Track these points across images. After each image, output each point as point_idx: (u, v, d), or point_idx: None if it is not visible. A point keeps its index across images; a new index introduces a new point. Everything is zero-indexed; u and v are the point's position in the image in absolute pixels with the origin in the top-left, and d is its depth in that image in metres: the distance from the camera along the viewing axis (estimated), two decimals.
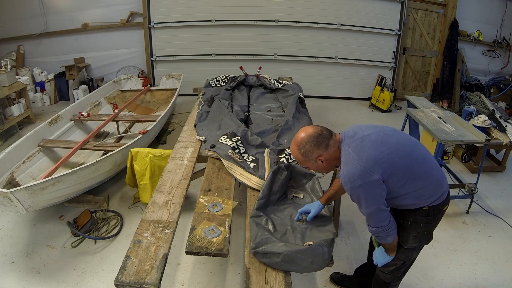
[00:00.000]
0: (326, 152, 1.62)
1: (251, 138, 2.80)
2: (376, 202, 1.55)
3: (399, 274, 1.92)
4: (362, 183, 1.51)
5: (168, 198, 2.16)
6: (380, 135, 1.61)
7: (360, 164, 1.51)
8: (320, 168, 1.69)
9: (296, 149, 1.65)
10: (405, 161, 1.57)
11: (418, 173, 1.59)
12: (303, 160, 1.66)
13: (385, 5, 5.96)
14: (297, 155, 1.66)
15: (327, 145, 1.61)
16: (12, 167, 3.13)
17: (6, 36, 6.01)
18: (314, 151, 1.61)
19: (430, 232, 1.74)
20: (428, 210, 1.66)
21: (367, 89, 6.38)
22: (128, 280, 1.56)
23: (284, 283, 1.62)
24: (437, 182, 1.66)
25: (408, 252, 1.79)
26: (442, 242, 2.89)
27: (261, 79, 4.41)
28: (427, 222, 1.69)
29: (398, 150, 1.57)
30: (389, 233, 1.65)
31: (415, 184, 1.60)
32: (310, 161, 1.65)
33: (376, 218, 1.60)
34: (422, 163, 1.62)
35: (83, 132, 4.27)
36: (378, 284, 2.01)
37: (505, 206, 3.43)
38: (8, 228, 2.87)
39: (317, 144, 1.60)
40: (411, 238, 1.72)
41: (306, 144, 1.61)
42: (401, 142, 1.62)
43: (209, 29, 6.04)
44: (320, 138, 1.61)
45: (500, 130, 3.60)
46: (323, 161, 1.63)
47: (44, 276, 2.41)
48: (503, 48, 6.30)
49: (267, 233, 1.81)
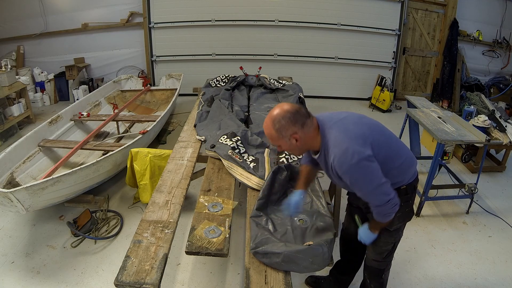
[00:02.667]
0: (301, 131, 1.54)
1: (251, 138, 2.80)
2: (375, 177, 1.50)
3: (391, 257, 1.97)
4: (358, 159, 1.46)
5: (168, 198, 2.16)
6: (355, 117, 1.65)
7: (351, 142, 1.49)
8: (292, 147, 1.59)
9: (271, 124, 1.55)
10: (383, 138, 1.62)
11: (394, 150, 1.65)
12: (276, 137, 1.56)
13: (385, 5, 5.96)
14: (270, 131, 1.56)
15: (303, 123, 1.54)
16: (12, 167, 3.13)
17: (6, 36, 6.01)
18: (289, 128, 1.52)
19: (411, 209, 1.79)
20: (406, 188, 1.70)
21: (367, 89, 6.38)
22: (128, 280, 1.56)
23: (284, 283, 1.62)
24: (410, 158, 1.72)
25: (396, 233, 1.83)
26: (442, 242, 2.89)
27: (261, 79, 4.41)
28: (406, 201, 1.73)
29: (374, 129, 1.62)
30: (396, 206, 1.57)
31: (393, 161, 1.63)
32: (284, 138, 1.55)
33: (380, 194, 1.53)
34: (396, 140, 1.70)
35: (83, 132, 4.27)
36: (374, 274, 2.04)
37: (505, 206, 3.43)
38: (8, 228, 2.87)
39: (293, 121, 1.52)
40: (395, 219, 1.73)
41: (281, 120, 1.52)
42: (374, 123, 1.68)
43: (209, 29, 6.04)
44: (297, 115, 1.54)
45: (500, 130, 3.60)
46: (298, 139, 1.55)
47: (44, 276, 2.41)
48: (503, 48, 6.30)
49: (267, 233, 1.82)
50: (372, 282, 2.07)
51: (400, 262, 2.64)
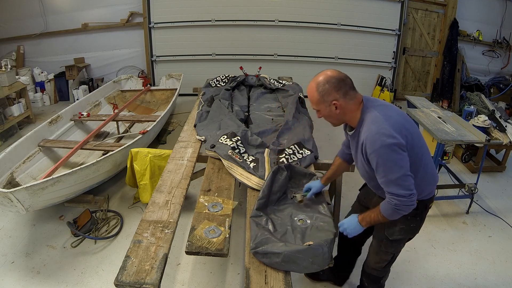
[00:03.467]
0: (343, 100, 1.54)
1: (251, 138, 2.80)
2: (404, 166, 1.46)
3: (390, 267, 1.98)
4: (392, 142, 1.43)
5: (168, 198, 2.16)
6: (400, 110, 1.65)
7: (390, 126, 1.46)
8: (332, 114, 1.59)
9: (315, 87, 1.56)
10: (419, 143, 1.57)
11: (424, 160, 1.60)
12: (317, 99, 1.56)
13: (385, 5, 5.96)
14: (313, 94, 1.57)
15: (346, 92, 1.54)
16: (12, 167, 3.13)
17: (6, 36, 6.01)
18: (332, 93, 1.53)
19: (416, 226, 1.75)
20: (417, 204, 1.64)
21: (367, 89, 6.37)
22: (128, 280, 1.56)
23: (284, 283, 1.62)
24: (432, 176, 1.69)
25: (396, 244, 1.82)
26: (442, 242, 2.89)
27: (261, 79, 4.41)
28: (414, 216, 1.69)
29: (416, 130, 1.59)
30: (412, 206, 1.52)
31: (418, 170, 1.58)
32: (325, 102, 1.55)
33: (404, 185, 1.47)
34: (428, 154, 1.65)
35: (83, 132, 4.27)
36: (372, 281, 2.05)
37: (505, 206, 3.43)
38: (8, 228, 2.87)
39: (337, 87, 1.53)
40: (397, 230, 1.73)
41: (326, 83, 1.53)
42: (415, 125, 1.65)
43: (209, 29, 6.04)
44: (343, 82, 1.55)
45: (500, 130, 3.60)
46: (338, 107, 1.55)
47: (44, 276, 2.41)
48: (503, 48, 6.30)
49: (267, 233, 1.81)
50: (370, 285, 2.08)
51: (400, 262, 2.63)
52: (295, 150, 2.64)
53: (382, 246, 1.83)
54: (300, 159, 2.57)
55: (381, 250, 1.85)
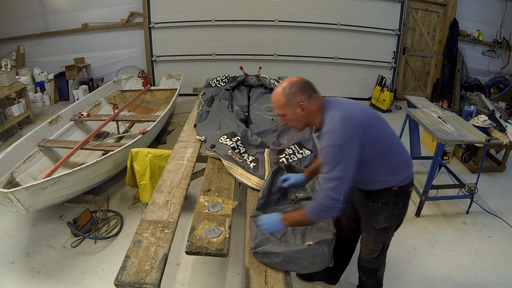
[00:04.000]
0: (308, 102, 1.61)
1: (251, 138, 2.80)
2: (347, 167, 1.52)
3: (383, 257, 1.99)
4: (342, 142, 1.50)
5: (168, 198, 2.16)
6: (362, 106, 1.69)
7: (344, 124, 1.53)
8: (298, 117, 1.65)
9: (281, 91, 1.63)
10: (385, 132, 1.65)
11: (394, 147, 1.68)
12: (284, 103, 1.62)
13: (385, 5, 5.96)
14: (279, 97, 1.63)
15: (310, 95, 1.62)
16: (12, 167, 3.13)
17: (6, 36, 6.01)
18: (297, 95, 1.60)
19: (400, 212, 1.79)
20: (396, 190, 1.71)
21: (367, 89, 6.38)
22: (128, 280, 1.56)
23: (284, 283, 1.62)
24: (407, 161, 1.74)
25: (384, 232, 1.84)
26: (442, 242, 2.89)
27: (261, 79, 4.41)
28: (396, 203, 1.74)
29: (380, 121, 1.66)
30: (330, 213, 1.58)
31: (390, 158, 1.66)
32: (291, 105, 1.62)
33: (336, 187, 1.52)
34: (398, 140, 1.73)
35: (83, 132, 4.27)
36: (368, 273, 2.06)
37: (505, 206, 3.43)
38: (8, 228, 2.87)
39: (302, 89, 1.61)
40: (382, 219, 1.77)
41: (292, 87, 1.61)
42: (377, 116, 1.71)
43: (209, 29, 6.04)
44: (307, 86, 1.63)
45: (500, 130, 3.60)
46: (304, 108, 1.61)
47: (44, 276, 2.41)
48: (503, 48, 6.30)
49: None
50: (368, 279, 2.10)
51: (400, 262, 2.64)
52: (295, 150, 2.64)
53: (370, 236, 1.87)
54: (300, 159, 2.57)
55: (370, 240, 1.89)
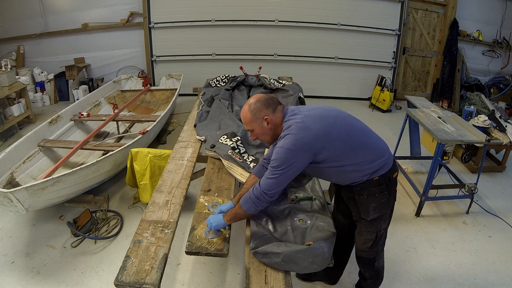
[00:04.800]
0: (273, 115, 1.76)
1: (251, 138, 2.80)
2: (288, 170, 1.63)
3: (379, 246, 2.00)
4: (291, 147, 1.61)
5: (168, 198, 2.16)
6: (320, 111, 1.77)
7: (297, 132, 1.63)
8: (264, 130, 1.78)
9: (247, 108, 1.77)
10: (345, 130, 1.71)
11: (358, 142, 1.73)
12: (251, 118, 1.76)
13: (385, 5, 5.96)
14: (246, 114, 1.77)
15: (274, 109, 1.77)
16: (12, 167, 3.13)
17: (6, 36, 6.01)
18: (262, 110, 1.75)
19: (388, 200, 1.82)
20: (378, 180, 1.75)
21: (367, 89, 6.38)
22: (128, 280, 1.56)
23: (284, 283, 1.62)
24: (379, 149, 1.78)
25: (376, 223, 1.87)
26: (442, 242, 2.89)
27: (261, 79, 4.41)
28: (381, 191, 1.78)
29: (337, 121, 1.73)
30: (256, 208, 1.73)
31: (358, 151, 1.72)
32: (257, 120, 1.75)
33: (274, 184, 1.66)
34: (363, 133, 1.78)
35: (83, 132, 4.27)
36: (365, 264, 2.08)
37: (505, 206, 3.43)
38: (8, 228, 2.87)
39: (267, 105, 1.76)
40: (371, 209, 1.80)
41: (257, 103, 1.76)
42: (341, 115, 1.79)
43: (209, 29, 6.04)
44: (270, 100, 1.78)
45: (500, 130, 3.60)
46: (269, 122, 1.75)
47: (44, 276, 2.41)
48: (503, 48, 6.30)
49: (267, 233, 1.82)
50: (366, 271, 2.12)
51: (400, 262, 2.64)
52: None
53: (363, 227, 1.90)
54: None
55: (363, 231, 1.92)
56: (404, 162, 4.07)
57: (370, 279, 2.15)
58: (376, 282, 2.19)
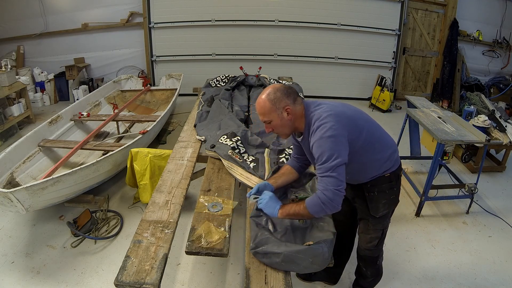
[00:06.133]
0: (293, 106, 1.65)
1: (251, 138, 2.80)
2: (341, 155, 1.51)
3: (382, 244, 2.02)
4: (331, 134, 1.52)
5: (168, 198, 2.16)
6: (341, 104, 1.74)
7: (331, 119, 1.56)
8: (284, 122, 1.66)
9: (265, 97, 1.65)
10: (365, 124, 1.68)
11: (376, 136, 1.72)
12: (270, 108, 1.63)
13: (385, 5, 5.96)
14: (264, 103, 1.65)
15: (295, 99, 1.66)
16: (12, 167, 3.13)
17: (6, 36, 6.01)
18: (283, 100, 1.63)
19: (396, 196, 1.84)
20: (389, 176, 1.76)
21: (367, 89, 6.38)
22: (128, 280, 1.56)
23: (284, 283, 1.62)
24: (391, 147, 1.78)
25: (383, 220, 1.88)
26: (442, 242, 2.89)
27: (261, 79, 4.41)
28: (391, 188, 1.79)
29: (358, 115, 1.71)
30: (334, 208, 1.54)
31: (378, 146, 1.71)
32: (277, 110, 1.63)
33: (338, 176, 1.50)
34: (378, 128, 1.78)
35: (83, 132, 4.27)
36: (368, 262, 2.09)
37: (505, 206, 3.43)
38: (8, 228, 2.87)
39: (287, 94, 1.65)
40: (381, 206, 1.80)
41: (277, 92, 1.64)
42: (358, 110, 1.77)
43: (209, 29, 6.04)
44: (290, 90, 1.67)
45: (500, 130, 3.60)
46: (289, 112, 1.64)
47: (44, 276, 2.41)
48: (503, 48, 6.30)
49: (267, 233, 1.81)
50: (368, 269, 2.13)
51: (400, 262, 2.64)
52: None
53: (370, 225, 1.89)
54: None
55: (369, 229, 1.91)
56: (404, 162, 4.06)
57: (371, 277, 2.17)
58: (376, 279, 2.21)
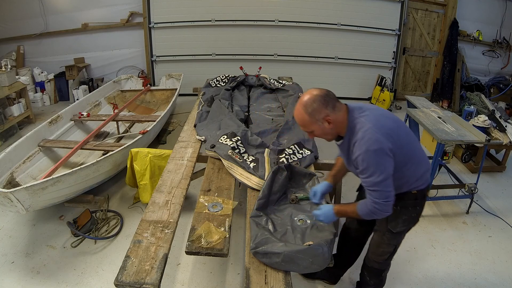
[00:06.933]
0: (333, 113, 1.55)
1: (251, 138, 2.80)
2: (386, 170, 1.49)
3: (391, 259, 2.00)
4: (377, 148, 1.47)
5: (168, 198, 2.16)
6: (386, 112, 1.67)
7: (376, 131, 1.50)
8: (326, 131, 1.60)
9: (302, 110, 1.56)
10: (408, 138, 1.63)
11: (414, 153, 1.66)
12: (309, 121, 1.56)
13: (385, 5, 5.96)
14: (303, 116, 1.57)
15: (334, 106, 1.56)
16: (12, 167, 3.12)
17: (6, 36, 6.01)
18: (322, 110, 1.54)
19: (417, 215, 1.80)
20: (416, 194, 1.72)
21: (367, 89, 6.38)
22: (128, 280, 1.56)
23: (284, 283, 1.62)
24: (426, 165, 1.73)
25: (398, 236, 1.85)
26: (442, 242, 2.89)
27: (261, 79, 4.41)
28: (414, 206, 1.75)
29: (401, 129, 1.63)
30: (387, 212, 1.58)
31: (416, 162, 1.65)
32: (317, 122, 1.56)
33: (384, 190, 1.52)
34: (416, 143, 1.73)
35: (83, 132, 4.27)
36: (373, 273, 2.08)
37: (505, 206, 3.43)
38: (8, 228, 2.87)
39: (325, 103, 1.54)
40: (400, 222, 1.77)
41: (313, 103, 1.54)
42: (397, 119, 1.68)
43: (209, 29, 6.04)
44: (328, 97, 1.56)
45: (500, 130, 3.60)
46: (330, 122, 1.56)
47: (44, 276, 2.41)
48: (503, 48, 6.30)
49: (267, 233, 1.81)
50: (372, 279, 2.11)
51: (400, 262, 2.64)
52: (295, 150, 2.64)
53: (384, 239, 1.86)
54: (300, 159, 2.57)
55: (383, 242, 1.88)
56: None
57: (373, 286, 2.15)
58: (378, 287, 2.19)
